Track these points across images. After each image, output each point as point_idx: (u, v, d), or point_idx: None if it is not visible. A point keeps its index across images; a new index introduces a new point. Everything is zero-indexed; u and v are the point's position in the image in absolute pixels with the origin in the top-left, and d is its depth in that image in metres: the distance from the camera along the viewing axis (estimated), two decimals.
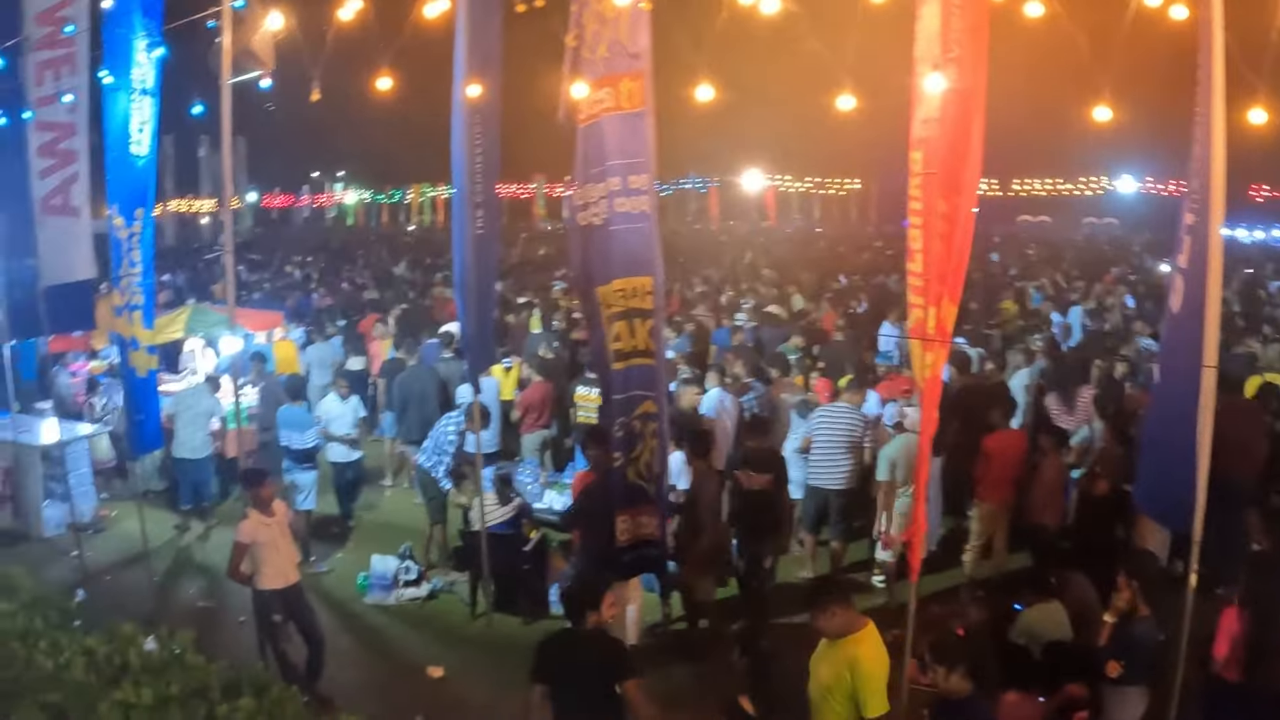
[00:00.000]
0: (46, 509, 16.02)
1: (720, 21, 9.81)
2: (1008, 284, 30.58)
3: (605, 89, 9.68)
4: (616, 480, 10.36)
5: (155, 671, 6.32)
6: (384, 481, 17.83)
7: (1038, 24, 8.42)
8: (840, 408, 13.77)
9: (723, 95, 10.11)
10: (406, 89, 11.69)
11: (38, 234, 13.78)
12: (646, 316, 9.98)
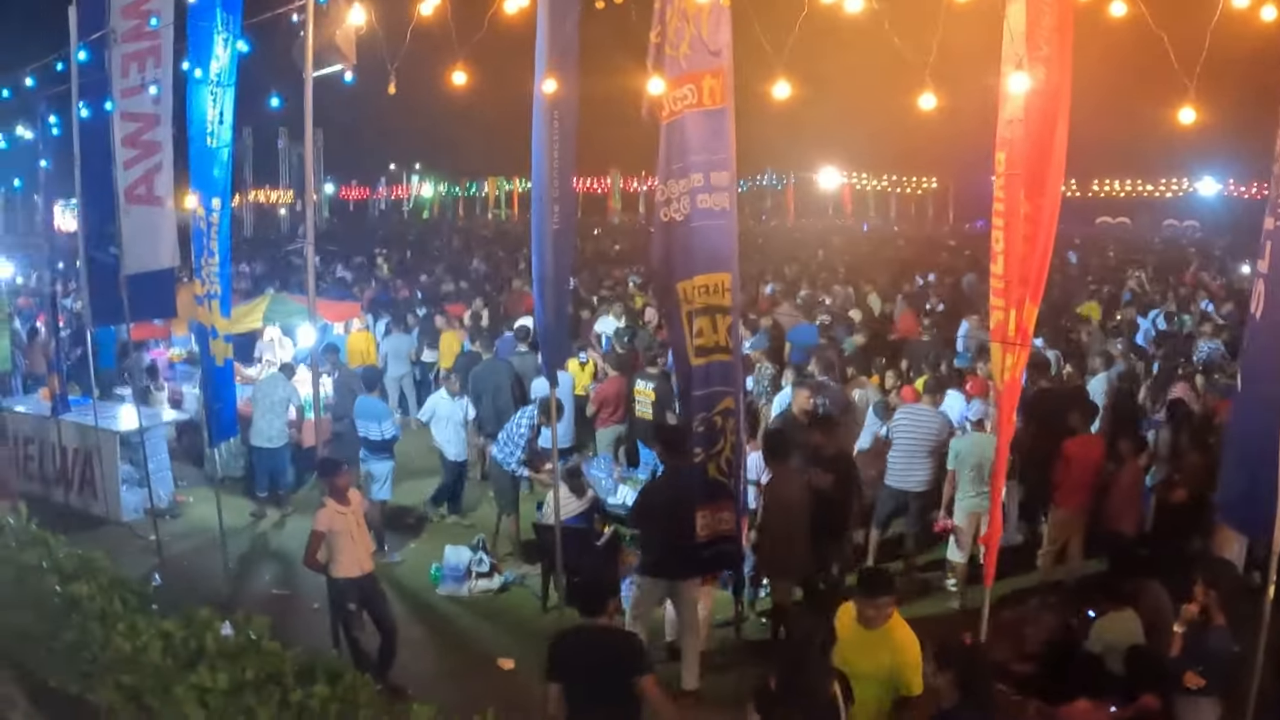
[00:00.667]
0: (124, 494, 16.28)
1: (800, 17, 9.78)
2: (1087, 286, 30.22)
3: (687, 86, 9.68)
4: (696, 476, 10.36)
5: (231, 656, 6.40)
6: None
7: (1119, 23, 8.34)
8: (921, 409, 13.71)
9: (801, 92, 10.08)
10: (484, 83, 11.75)
11: (121, 223, 13.96)
12: (726, 313, 9.99)
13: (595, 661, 7.52)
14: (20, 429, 17.88)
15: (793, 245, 49.14)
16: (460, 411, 15.41)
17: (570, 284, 14.52)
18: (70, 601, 7.62)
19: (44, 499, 16.44)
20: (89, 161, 14.79)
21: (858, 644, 7.55)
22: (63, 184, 20.66)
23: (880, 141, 73.27)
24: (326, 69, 12.25)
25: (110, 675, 6.87)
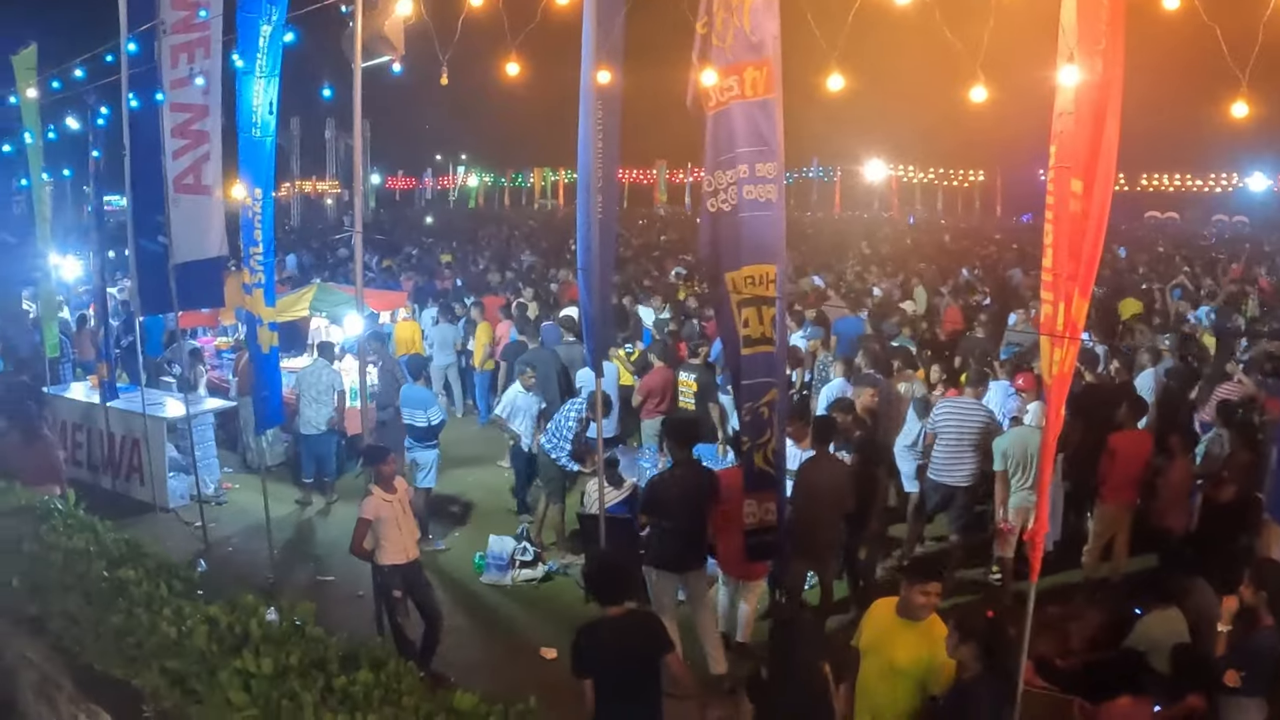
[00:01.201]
0: (171, 480, 16.46)
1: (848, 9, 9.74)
2: (1136, 281, 29.97)
3: (733, 76, 9.63)
4: (748, 462, 10.37)
5: (276, 642, 6.44)
6: (501, 462, 17.97)
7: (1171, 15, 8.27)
8: (966, 403, 13.61)
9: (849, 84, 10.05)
10: (531, 73, 11.77)
11: (170, 212, 14.08)
12: (771, 304, 9.96)
13: (621, 650, 7.59)
14: (69, 415, 18.08)
15: (839, 237, 48.91)
16: (535, 404, 15.40)
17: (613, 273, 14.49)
18: (117, 586, 7.68)
19: (91, 485, 16.60)
20: (138, 152, 14.90)
21: (896, 636, 7.53)
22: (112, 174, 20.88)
23: (928, 134, 72.97)
24: (375, 60, 12.31)
25: (155, 659, 6.92)
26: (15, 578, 8.74)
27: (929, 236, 53.56)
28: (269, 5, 12.07)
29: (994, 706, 6.80)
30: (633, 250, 41.44)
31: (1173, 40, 12.17)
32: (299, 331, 20.79)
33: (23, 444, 13.29)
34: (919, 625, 7.46)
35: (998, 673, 6.84)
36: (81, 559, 8.27)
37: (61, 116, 22.54)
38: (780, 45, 9.41)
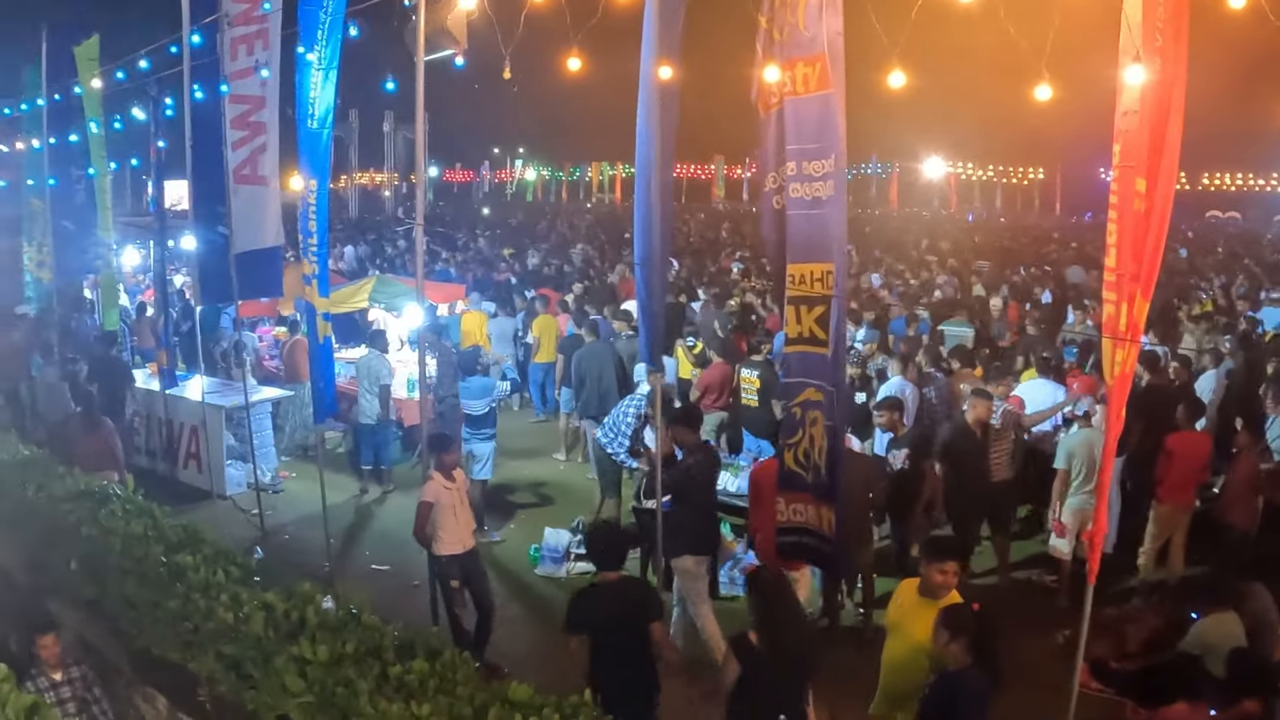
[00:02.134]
0: (229, 468, 16.60)
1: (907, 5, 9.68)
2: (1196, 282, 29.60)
3: (790, 72, 9.54)
4: (781, 460, 10.32)
5: (332, 630, 6.47)
6: (557, 455, 18.00)
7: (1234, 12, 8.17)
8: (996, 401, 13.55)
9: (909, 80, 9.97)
10: (589, 67, 11.77)
11: (230, 202, 14.19)
12: (816, 304, 9.81)
13: (616, 614, 8.15)
14: (128, 402, 18.21)
15: (897, 234, 48.61)
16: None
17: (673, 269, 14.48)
18: (175, 572, 7.74)
19: (150, 471, 16.79)
20: (200, 142, 15.05)
21: (918, 614, 7.80)
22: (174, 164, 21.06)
23: (987, 131, 72.43)
24: (438, 54, 12.34)
25: (212, 645, 6.96)
26: (74, 561, 8.83)
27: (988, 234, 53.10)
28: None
29: (980, 698, 7.02)
30: (692, 245, 41.35)
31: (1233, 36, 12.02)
32: (356, 323, 20.90)
33: (83, 430, 13.44)
34: (939, 604, 7.64)
35: (984, 666, 7.07)
36: (140, 544, 8.34)
37: (123, 107, 22.74)
38: (842, 41, 9.30)
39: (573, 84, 12.64)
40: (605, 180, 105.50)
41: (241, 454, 16.73)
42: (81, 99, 19.51)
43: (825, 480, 9.74)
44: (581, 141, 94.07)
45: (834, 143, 9.34)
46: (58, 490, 9.81)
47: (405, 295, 18.71)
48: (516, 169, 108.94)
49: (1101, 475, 8.26)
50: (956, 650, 7.07)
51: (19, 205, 24.69)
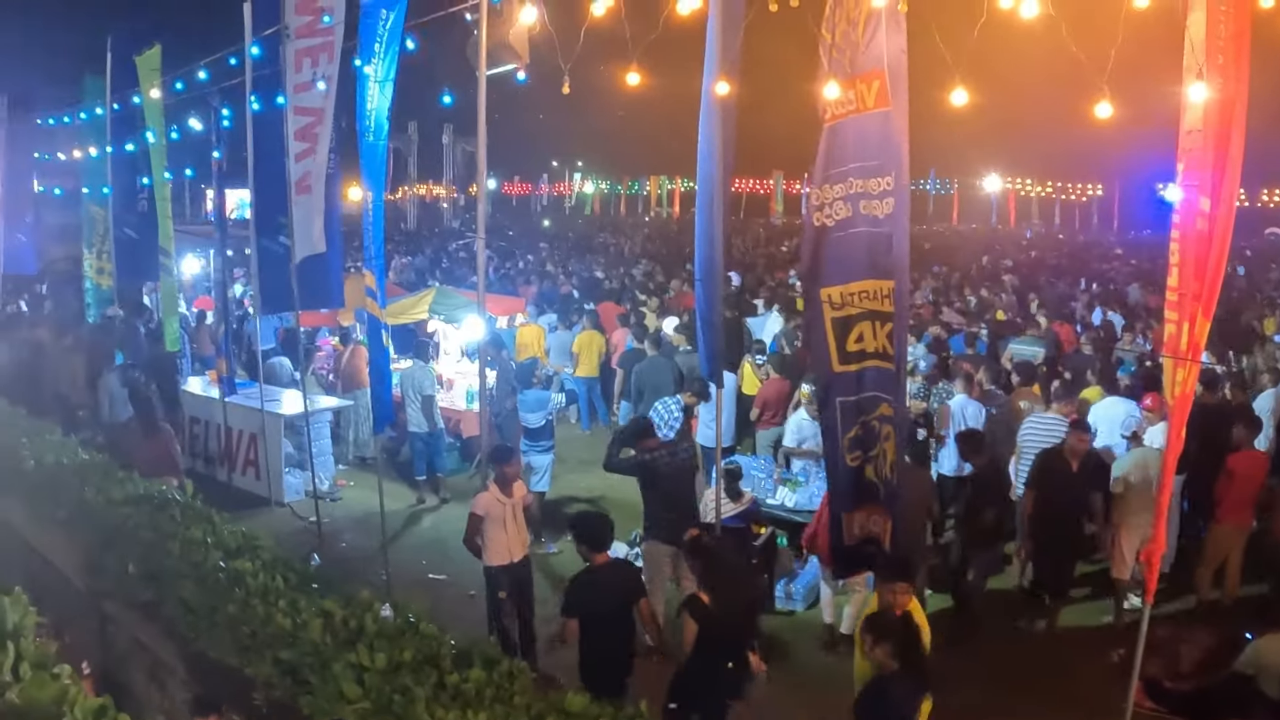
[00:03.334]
0: (287, 476, 16.71)
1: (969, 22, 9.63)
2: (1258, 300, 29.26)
3: (850, 89, 9.50)
4: (850, 476, 10.28)
5: (389, 637, 6.48)
6: None
7: None
8: (1049, 418, 13.53)
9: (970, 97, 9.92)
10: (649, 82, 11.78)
11: (292, 213, 14.29)
12: (884, 320, 9.80)
13: (603, 594, 8.88)
14: (187, 409, 18.43)
15: (955, 251, 48.35)
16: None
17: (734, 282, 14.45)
18: (233, 577, 7.77)
19: (208, 477, 16.94)
20: (261, 153, 15.20)
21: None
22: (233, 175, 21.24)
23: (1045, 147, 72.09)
24: (500, 68, 12.38)
25: (269, 650, 6.98)
26: (131, 564, 8.88)
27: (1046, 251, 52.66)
28: (384, 10, 12.20)
29: (906, 701, 7.44)
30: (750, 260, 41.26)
31: None
32: (414, 334, 20.99)
33: (142, 436, 13.55)
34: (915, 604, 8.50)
35: (910, 670, 7.53)
36: (198, 549, 8.38)
37: (183, 116, 22.95)
38: (905, 59, 9.24)
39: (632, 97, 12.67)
40: (663, 194, 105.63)
41: (299, 462, 16.83)
42: (142, 108, 19.68)
43: (894, 488, 9.79)
44: (640, 155, 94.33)
45: (893, 160, 9.30)
46: (116, 494, 9.88)
47: (465, 307, 18.79)
48: (575, 182, 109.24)
49: (1161, 494, 8.16)
50: (882, 655, 7.57)
51: (79, 213, 25.01)
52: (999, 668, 11.21)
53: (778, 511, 13.44)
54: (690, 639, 8.73)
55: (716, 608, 8.62)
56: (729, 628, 8.72)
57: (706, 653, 8.63)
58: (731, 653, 8.69)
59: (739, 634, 8.93)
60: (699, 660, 8.64)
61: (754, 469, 14.29)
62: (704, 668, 8.63)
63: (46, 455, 11.38)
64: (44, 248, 29.90)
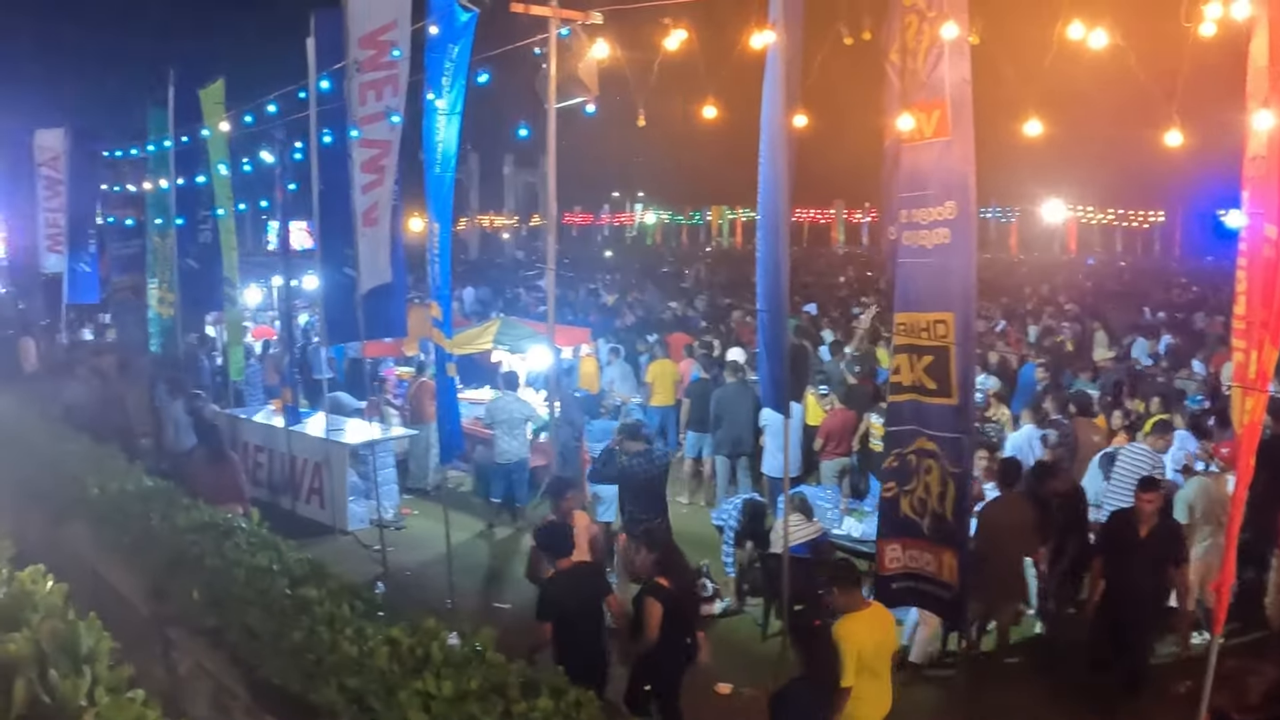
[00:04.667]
0: (352, 504, 16.75)
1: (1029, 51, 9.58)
2: None
3: (912, 117, 9.45)
4: (885, 506, 10.21)
5: (456, 666, 6.43)
6: (680, 499, 17.94)
7: None
8: (1142, 449, 13.24)
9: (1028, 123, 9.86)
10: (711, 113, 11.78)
11: (358, 244, 14.37)
12: (924, 353, 9.67)
13: (575, 594, 9.26)
14: (251, 437, 18.53)
15: (1018, 280, 47.98)
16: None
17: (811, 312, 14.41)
18: (299, 604, 7.75)
19: (272, 505, 16.92)
20: (327, 185, 15.31)
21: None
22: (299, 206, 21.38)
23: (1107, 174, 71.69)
24: (569, 101, 12.43)
25: (334, 677, 6.96)
26: (197, 591, 8.90)
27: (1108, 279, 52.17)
28: (450, 44, 12.27)
29: (812, 703, 7.99)
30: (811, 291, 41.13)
31: None
32: (478, 365, 21.04)
33: (208, 464, 13.62)
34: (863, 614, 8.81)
35: (816, 674, 8.07)
36: (264, 576, 8.37)
37: (246, 149, 23.19)
38: (969, 89, 9.16)
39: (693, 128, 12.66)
40: (725, 224, 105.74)
41: (364, 491, 16.87)
42: (207, 141, 19.89)
43: (951, 526, 9.61)
44: (701, 185, 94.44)
45: (952, 190, 9.21)
46: (181, 521, 9.89)
47: (530, 338, 18.90)
48: (636, 212, 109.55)
49: (1230, 525, 8.03)
50: (795, 659, 8.23)
51: (143, 243, 25.31)
52: (1070, 696, 11.11)
53: (844, 542, 13.33)
54: (655, 622, 9.11)
55: (675, 590, 9.32)
56: (687, 608, 9.59)
57: (670, 632, 9.17)
58: (688, 630, 9.48)
59: (692, 613, 9.89)
60: (665, 640, 9.15)
61: (820, 499, 14.17)
62: (670, 647, 9.20)
63: (111, 482, 11.42)
64: (108, 277, 30.27)
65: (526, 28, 12.55)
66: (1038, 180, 79.24)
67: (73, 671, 4.02)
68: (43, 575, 5.09)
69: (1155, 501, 10.93)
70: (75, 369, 18.59)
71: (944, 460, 9.59)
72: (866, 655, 8.48)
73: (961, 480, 9.55)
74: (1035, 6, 9.83)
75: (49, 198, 27.82)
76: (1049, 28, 9.31)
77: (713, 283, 44.72)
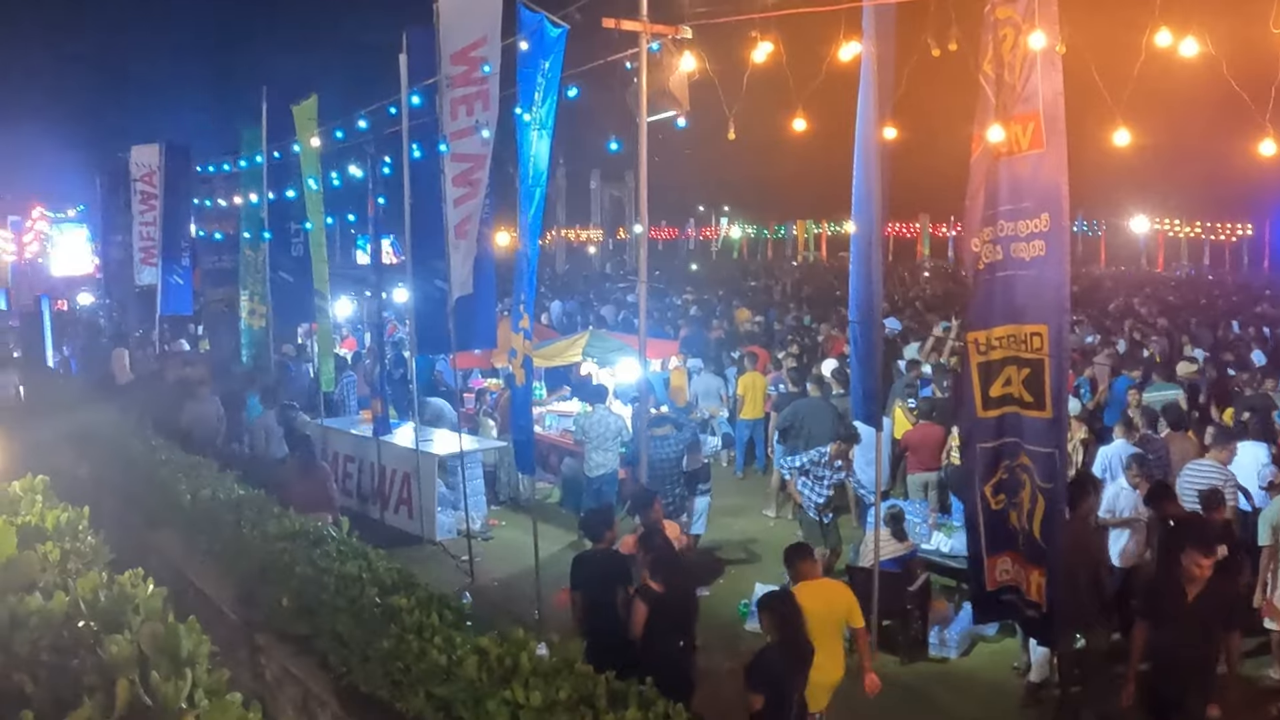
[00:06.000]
0: (439, 515, 16.88)
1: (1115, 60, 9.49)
2: None
3: (1007, 130, 9.40)
4: (993, 519, 10.11)
5: (545, 676, 6.44)
6: (767, 512, 17.91)
7: None
8: (1205, 465, 13.09)
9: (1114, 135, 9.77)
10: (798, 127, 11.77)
11: (450, 257, 14.50)
12: (1023, 366, 9.60)
13: (600, 575, 10.27)
14: (341, 447, 18.75)
15: (1105, 293, 47.37)
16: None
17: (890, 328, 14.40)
18: (388, 613, 7.81)
19: (361, 514, 17.11)
20: (418, 199, 15.47)
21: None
22: (389, 220, 21.61)
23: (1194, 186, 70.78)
24: (659, 115, 12.47)
25: (422, 686, 7.01)
26: (286, 598, 9.01)
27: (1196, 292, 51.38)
28: (541, 59, 12.36)
29: (783, 668, 8.56)
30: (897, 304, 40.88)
31: None
32: (567, 377, 21.12)
33: (300, 473, 13.79)
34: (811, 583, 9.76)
35: (787, 641, 8.61)
36: (354, 584, 8.45)
37: (338, 164, 23.49)
38: (1062, 102, 9.09)
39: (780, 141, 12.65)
40: (810, 238, 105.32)
41: (452, 501, 16.99)
42: (299, 156, 20.13)
43: (1039, 544, 9.51)
44: (787, 199, 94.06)
45: (1047, 202, 9.14)
46: (272, 529, 10.02)
47: (619, 351, 18.93)
48: (722, 226, 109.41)
49: None
50: (766, 625, 8.80)
51: (235, 257, 25.68)
52: None
53: (933, 557, 13.24)
54: (640, 622, 9.55)
55: (665, 593, 9.61)
56: (678, 611, 9.81)
57: (656, 634, 9.55)
58: (682, 633, 9.86)
59: (687, 616, 10.10)
60: (649, 641, 9.55)
61: (908, 513, 14.10)
62: (656, 647, 9.50)
63: (202, 490, 11.61)
64: (200, 290, 30.75)
65: (616, 42, 12.62)
66: (1123, 192, 78.29)
67: (173, 674, 4.09)
68: (142, 579, 5.18)
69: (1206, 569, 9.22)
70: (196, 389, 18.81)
71: (1036, 476, 9.50)
72: (814, 622, 8.91)
73: (1051, 497, 9.44)
74: (1121, 14, 9.74)
75: (143, 212, 28.41)
76: (1135, 36, 9.21)
77: (800, 296, 44.46)
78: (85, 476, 14.15)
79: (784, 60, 11.22)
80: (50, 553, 5.81)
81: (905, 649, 12.44)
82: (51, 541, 6.06)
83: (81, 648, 4.38)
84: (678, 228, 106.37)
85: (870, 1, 10.09)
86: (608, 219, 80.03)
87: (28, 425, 14.80)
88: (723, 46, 12.50)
